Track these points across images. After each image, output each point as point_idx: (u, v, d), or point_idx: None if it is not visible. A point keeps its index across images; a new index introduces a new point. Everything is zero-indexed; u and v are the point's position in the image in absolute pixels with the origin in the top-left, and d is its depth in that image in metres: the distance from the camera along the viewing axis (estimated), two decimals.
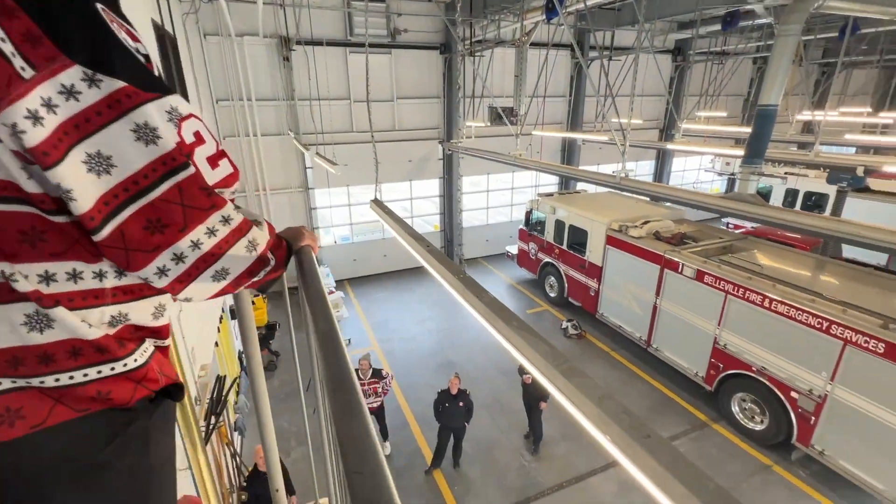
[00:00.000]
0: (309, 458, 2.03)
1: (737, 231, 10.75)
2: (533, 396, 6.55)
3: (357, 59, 11.38)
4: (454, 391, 6.16)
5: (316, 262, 1.27)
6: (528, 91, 10.07)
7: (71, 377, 0.68)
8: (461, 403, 6.16)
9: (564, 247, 10.63)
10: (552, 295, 11.56)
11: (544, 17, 8.16)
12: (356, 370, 6.15)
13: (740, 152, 6.85)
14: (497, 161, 9.59)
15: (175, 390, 0.83)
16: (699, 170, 19.20)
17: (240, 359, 7.89)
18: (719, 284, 6.89)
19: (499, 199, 15.57)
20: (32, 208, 0.61)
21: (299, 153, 11.87)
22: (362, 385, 6.06)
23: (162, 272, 0.71)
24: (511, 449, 6.85)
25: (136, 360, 0.75)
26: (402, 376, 8.52)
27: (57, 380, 0.67)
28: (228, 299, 8.85)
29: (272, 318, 9.87)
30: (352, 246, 13.55)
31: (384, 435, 6.62)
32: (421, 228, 14.46)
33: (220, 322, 6.97)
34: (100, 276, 0.69)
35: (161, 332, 0.83)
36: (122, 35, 0.64)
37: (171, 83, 4.54)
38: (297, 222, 12.51)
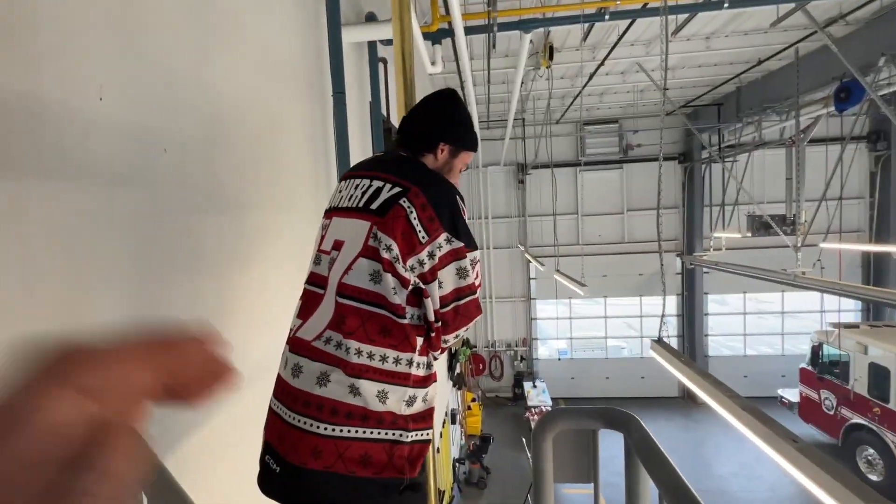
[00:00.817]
0: None
1: None
2: None
3: (586, 175, 11.71)
4: None
5: None
6: (808, 194, 8.12)
7: (349, 431, 0.93)
8: None
9: (893, 405, 7.22)
10: (874, 478, 7.73)
11: (832, 108, 6.71)
12: None
13: None
14: (766, 279, 7.68)
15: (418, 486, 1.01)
16: None
17: (454, 469, 7.77)
18: None
19: (761, 324, 12.36)
20: (389, 313, 0.97)
21: (524, 265, 12.41)
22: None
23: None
24: None
25: (404, 437, 0.97)
26: None
27: (346, 431, 0.93)
28: (451, 402, 9.20)
29: (487, 430, 9.65)
30: (571, 362, 12.70)
31: None
32: (650, 350, 12.52)
33: (443, 426, 7.13)
34: (409, 364, 0.99)
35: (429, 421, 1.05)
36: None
37: None
38: (518, 331, 12.67)
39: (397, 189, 0.99)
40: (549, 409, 9.71)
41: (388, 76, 3.53)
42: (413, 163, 1.12)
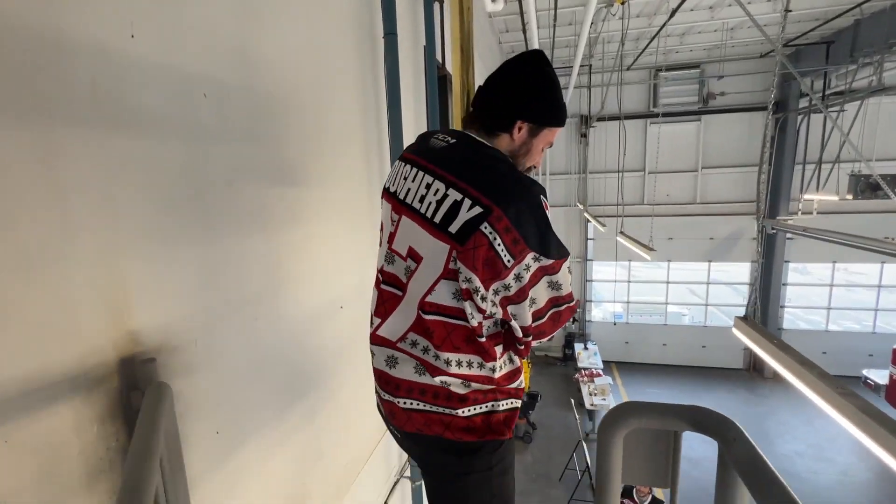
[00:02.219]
0: None
1: None
2: None
3: (656, 129, 10.70)
4: None
5: None
6: None
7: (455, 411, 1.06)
8: None
9: None
10: None
11: None
12: (632, 489, 5.09)
13: None
14: (868, 249, 6.74)
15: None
16: None
17: None
18: None
19: (850, 298, 11.13)
20: (468, 327, 1.00)
21: (582, 224, 11.86)
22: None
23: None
24: None
25: (497, 406, 1.09)
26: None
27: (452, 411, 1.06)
28: None
29: (536, 388, 9.73)
30: (626, 326, 12.28)
31: None
32: (714, 318, 11.80)
33: None
34: (492, 370, 1.05)
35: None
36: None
37: None
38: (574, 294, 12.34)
39: (477, 210, 0.92)
40: (599, 372, 9.55)
41: (445, 18, 3.26)
42: (486, 158, 1.00)
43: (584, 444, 7.16)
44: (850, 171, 7.85)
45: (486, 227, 0.90)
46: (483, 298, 0.94)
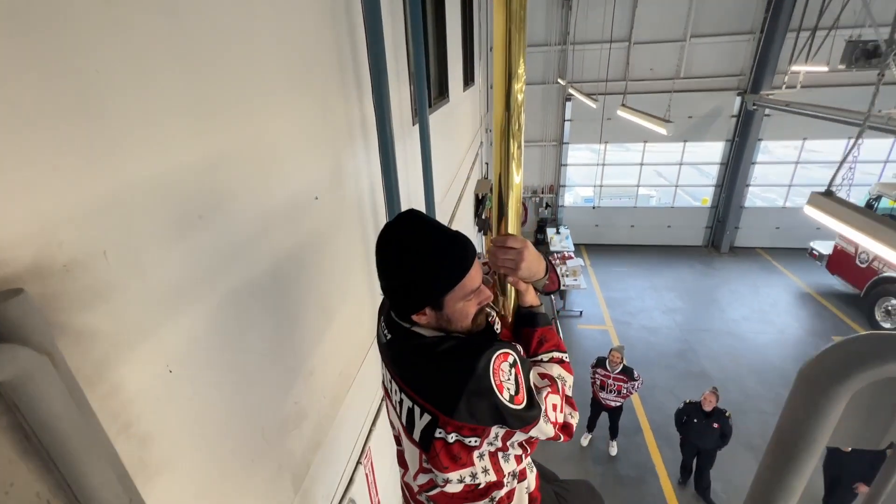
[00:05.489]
0: None
1: None
2: (848, 471, 4.56)
3: None
4: (707, 408, 4.85)
5: None
6: None
7: None
8: (716, 425, 4.82)
9: None
10: (887, 325, 7.96)
11: None
12: (605, 359, 5.47)
13: None
14: (849, 122, 6.63)
15: None
16: None
17: None
18: None
19: (811, 174, 11.47)
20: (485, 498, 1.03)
21: (560, 103, 11.15)
22: (606, 377, 5.34)
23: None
24: None
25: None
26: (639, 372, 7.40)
27: None
28: (478, 247, 9.30)
29: None
30: (596, 210, 12.43)
31: (613, 433, 5.85)
32: (683, 202, 12.08)
33: None
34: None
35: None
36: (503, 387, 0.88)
37: (441, 32, 4.43)
38: (546, 178, 12.14)
39: (427, 418, 0.91)
40: (571, 255, 9.80)
41: None
42: (419, 353, 0.93)
43: (558, 322, 7.60)
44: (847, 38, 7.36)
45: (440, 433, 0.90)
46: (471, 473, 0.95)
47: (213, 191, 1.01)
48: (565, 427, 0.98)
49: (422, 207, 2.94)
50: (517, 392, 0.86)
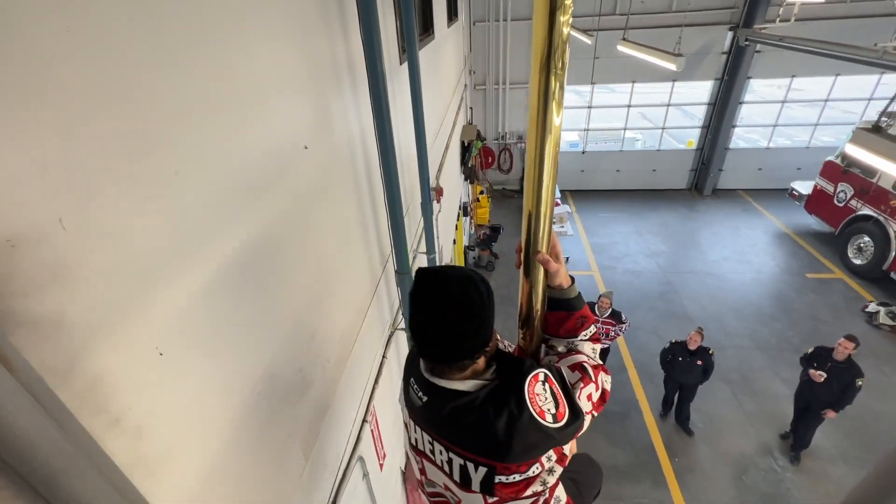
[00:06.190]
0: None
1: None
2: (818, 399, 4.88)
3: None
4: (692, 346, 5.06)
5: None
6: None
7: None
8: (699, 362, 5.06)
9: None
10: (858, 262, 8.28)
11: None
12: (594, 304, 5.56)
13: None
14: (843, 57, 6.45)
15: None
16: None
17: (465, 256, 8.22)
18: None
19: (796, 114, 11.38)
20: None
21: None
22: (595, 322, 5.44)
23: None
24: (756, 442, 5.51)
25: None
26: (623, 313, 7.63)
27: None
28: (464, 196, 9.11)
29: (496, 221, 9.91)
30: (582, 155, 12.22)
31: None
32: (668, 145, 11.94)
33: (457, 219, 7.16)
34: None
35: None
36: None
37: None
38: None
39: (483, 470, 0.93)
40: (557, 201, 9.73)
41: None
42: (462, 411, 0.92)
43: None
44: None
45: (499, 479, 0.92)
46: (544, 482, 0.97)
47: (188, 140, 0.84)
48: (603, 402, 1.03)
49: (413, 153, 2.75)
50: (558, 407, 0.91)
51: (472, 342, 0.92)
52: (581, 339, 1.07)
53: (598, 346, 1.11)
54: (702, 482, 5.13)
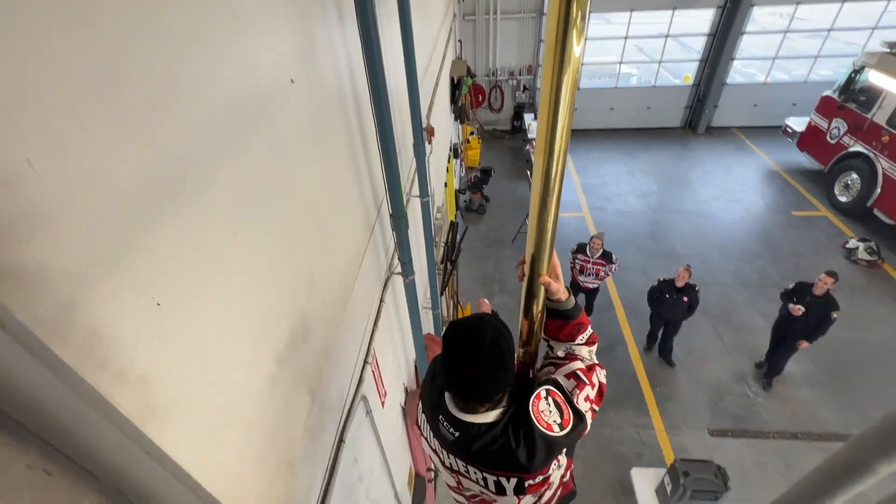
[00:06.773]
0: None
1: None
2: (792, 331, 5.13)
3: None
4: (680, 284, 5.21)
5: None
6: None
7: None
8: (685, 299, 5.25)
9: None
10: (843, 199, 8.39)
11: None
12: (586, 245, 5.61)
13: None
14: None
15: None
16: None
17: (456, 200, 8.11)
18: None
19: (796, 45, 10.96)
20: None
21: None
22: (586, 262, 5.53)
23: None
24: (732, 371, 5.87)
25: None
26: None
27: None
28: (454, 138, 8.81)
29: (487, 163, 9.70)
30: (577, 92, 11.75)
31: (588, 312, 6.30)
32: (664, 80, 11.51)
33: (448, 161, 6.97)
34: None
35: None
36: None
37: None
38: (524, 53, 11.18)
39: (514, 480, 1.12)
40: None
41: None
42: (490, 441, 1.10)
43: None
44: None
45: (528, 483, 1.12)
46: (559, 465, 1.16)
47: (163, 65, 0.75)
48: (601, 396, 1.18)
49: (403, 89, 2.59)
50: (562, 415, 1.08)
51: (501, 384, 1.09)
52: (578, 344, 1.22)
53: (595, 348, 1.26)
54: (680, 408, 5.50)
